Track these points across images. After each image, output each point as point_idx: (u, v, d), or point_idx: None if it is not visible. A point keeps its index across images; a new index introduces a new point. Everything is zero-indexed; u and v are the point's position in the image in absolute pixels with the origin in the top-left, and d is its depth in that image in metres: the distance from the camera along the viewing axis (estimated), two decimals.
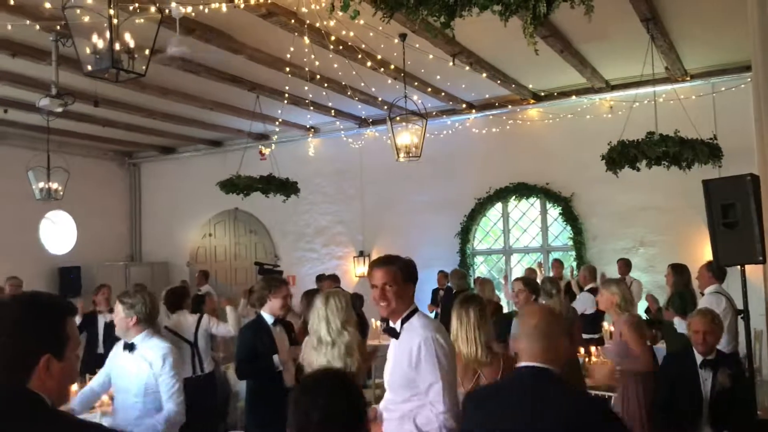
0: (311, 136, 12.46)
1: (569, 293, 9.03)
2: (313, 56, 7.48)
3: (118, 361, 4.08)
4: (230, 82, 8.93)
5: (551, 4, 3.09)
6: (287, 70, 8.18)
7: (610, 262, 9.79)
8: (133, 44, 4.62)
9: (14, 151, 11.48)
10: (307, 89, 9.05)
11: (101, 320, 7.56)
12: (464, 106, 10.86)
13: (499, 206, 11.42)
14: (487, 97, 10.55)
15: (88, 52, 4.59)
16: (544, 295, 6.58)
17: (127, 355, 4.03)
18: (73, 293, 12.30)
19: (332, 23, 6.40)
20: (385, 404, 3.22)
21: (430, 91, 9.62)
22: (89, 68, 4.61)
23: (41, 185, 9.64)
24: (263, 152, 11.11)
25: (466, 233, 11.38)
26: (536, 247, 11.29)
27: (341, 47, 7.41)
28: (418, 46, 7.48)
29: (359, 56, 7.69)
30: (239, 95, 9.63)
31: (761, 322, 6.87)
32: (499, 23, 3.41)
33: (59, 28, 6.29)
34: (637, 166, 7.18)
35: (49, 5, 5.69)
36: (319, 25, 6.68)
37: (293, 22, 6.59)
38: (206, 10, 5.97)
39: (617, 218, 10.21)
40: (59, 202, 10.28)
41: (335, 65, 8.10)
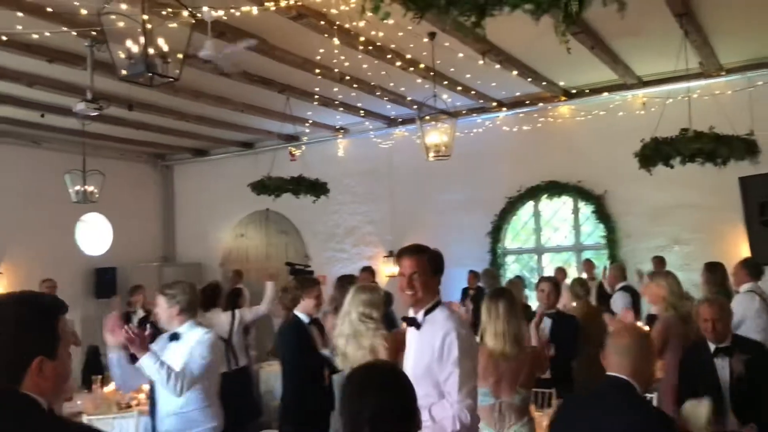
0: (341, 136, 12.50)
1: (602, 294, 8.93)
2: (342, 57, 7.51)
3: (162, 353, 4.10)
4: (261, 84, 9.00)
5: (583, 2, 3.05)
6: (317, 71, 8.23)
7: (643, 260, 9.65)
8: (166, 49, 4.68)
9: (51, 154, 11.72)
10: (336, 90, 9.09)
11: (134, 321, 7.70)
12: (494, 104, 10.81)
13: (530, 205, 11.33)
14: (517, 94, 10.49)
15: (122, 57, 4.67)
16: (573, 296, 6.51)
17: (173, 345, 4.07)
18: (109, 293, 12.51)
19: (362, 24, 6.42)
20: None
21: (459, 89, 9.58)
22: (124, 73, 4.68)
23: (77, 188, 9.81)
24: (293, 153, 11.19)
25: (496, 232, 11.32)
26: (568, 246, 11.19)
27: (370, 48, 7.42)
28: (447, 44, 7.46)
29: (388, 56, 7.70)
30: (269, 97, 9.70)
31: None
32: (529, 20, 3.39)
33: (94, 34, 6.40)
34: (670, 163, 7.06)
35: (84, 12, 5.80)
36: (348, 26, 6.72)
37: (323, 23, 6.62)
38: (237, 13, 6.03)
39: (651, 216, 10.07)
40: (95, 204, 10.44)
41: (364, 66, 8.12)
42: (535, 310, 5.98)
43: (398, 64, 7.94)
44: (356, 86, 8.97)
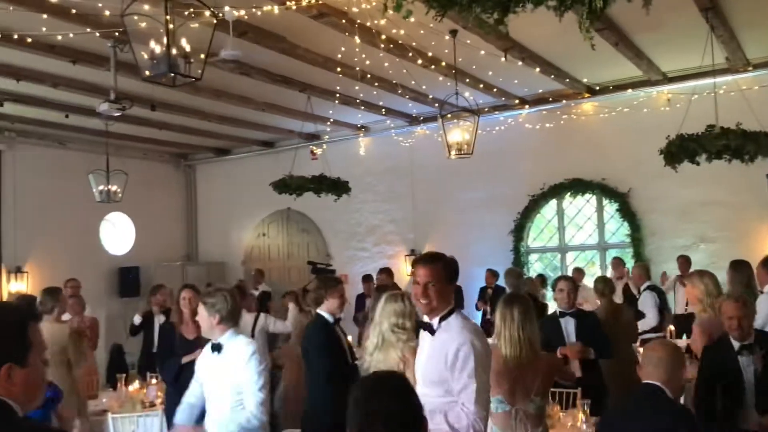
0: (362, 135, 12.50)
1: (628, 294, 8.82)
2: (363, 55, 7.49)
3: (206, 363, 3.96)
4: (282, 83, 9.01)
5: None
6: (338, 70, 8.22)
7: (669, 259, 9.54)
8: (188, 49, 4.69)
9: (75, 155, 11.85)
10: (357, 89, 9.08)
11: (156, 321, 7.74)
12: (517, 101, 10.73)
13: (553, 203, 11.24)
14: (540, 91, 10.40)
15: (145, 57, 4.68)
16: (597, 294, 6.42)
17: (215, 356, 3.90)
18: (132, 293, 12.64)
19: (383, 22, 6.40)
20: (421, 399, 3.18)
21: (481, 87, 9.52)
22: (147, 73, 4.69)
23: (101, 188, 9.88)
24: (314, 152, 11.20)
25: (519, 231, 11.24)
26: (592, 244, 11.08)
27: (392, 46, 7.40)
28: (469, 42, 7.41)
29: (410, 54, 7.67)
30: (291, 96, 9.72)
31: None
32: (552, 17, 3.34)
33: (117, 35, 6.45)
34: (696, 160, 6.95)
35: (108, 13, 5.84)
36: (369, 24, 6.69)
37: (344, 22, 6.61)
38: (259, 12, 6.04)
39: (676, 214, 9.94)
40: (118, 204, 10.53)
41: (386, 64, 8.09)
42: (554, 311, 5.90)
43: (420, 62, 7.91)
44: (377, 84, 8.95)
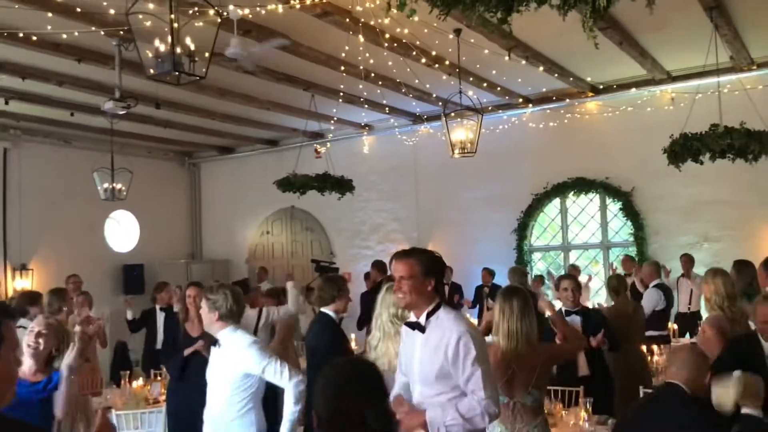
0: (366, 133, 12.51)
1: (634, 292, 8.81)
2: (367, 54, 7.50)
3: (211, 359, 4.15)
4: (286, 81, 9.03)
5: None
6: (342, 68, 8.23)
7: (672, 257, 9.53)
8: (193, 47, 4.72)
9: (80, 153, 11.89)
10: (361, 87, 9.08)
11: (160, 317, 7.76)
12: (520, 100, 10.72)
13: (557, 202, 11.24)
14: (544, 90, 10.40)
15: (150, 56, 4.70)
16: (611, 292, 6.42)
17: (214, 351, 4.11)
18: (137, 290, 12.67)
19: (386, 21, 6.41)
20: (420, 398, 3.16)
21: (485, 86, 9.53)
22: (151, 72, 4.71)
23: (106, 186, 9.91)
24: (318, 150, 11.21)
25: (522, 229, 11.24)
26: (595, 243, 11.08)
27: (395, 44, 7.41)
28: (473, 41, 7.42)
29: (414, 53, 7.68)
30: (295, 95, 9.73)
31: None
32: (556, 16, 3.35)
33: (122, 33, 6.48)
34: (700, 159, 6.95)
35: (113, 11, 5.86)
36: (373, 23, 6.70)
37: (348, 20, 6.62)
38: (263, 11, 6.06)
39: (680, 213, 9.93)
40: (123, 202, 10.57)
41: (389, 62, 8.10)
42: (559, 309, 5.85)
43: (423, 60, 7.92)
44: (381, 83, 8.96)
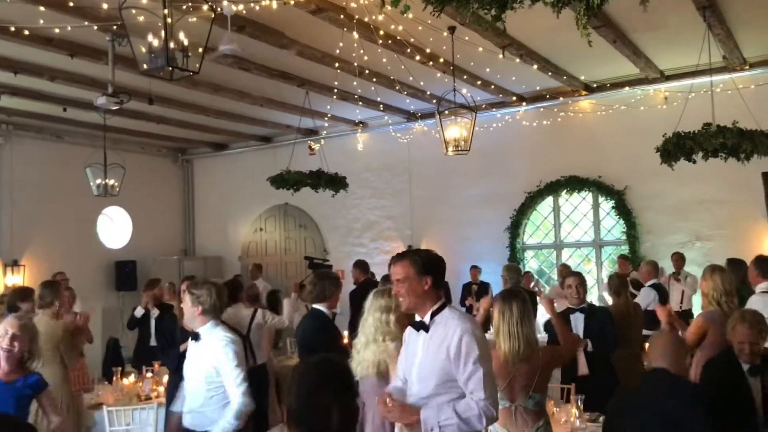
0: (360, 130, 12.50)
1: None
2: (362, 51, 7.50)
3: (189, 350, 4.22)
4: (280, 78, 9.01)
5: None
6: (336, 65, 8.22)
7: (664, 256, 9.57)
8: (186, 42, 4.70)
9: (73, 148, 11.83)
10: (355, 84, 9.08)
11: (151, 315, 7.75)
12: (514, 98, 10.74)
13: (549, 200, 11.26)
14: (537, 89, 10.41)
15: (143, 51, 4.69)
16: (611, 293, 6.38)
17: (194, 345, 4.17)
18: (129, 287, 12.64)
19: (381, 18, 6.41)
20: (415, 399, 3.13)
21: (479, 83, 9.54)
22: (145, 67, 4.70)
23: (98, 182, 9.89)
24: (312, 147, 11.19)
25: (516, 228, 11.26)
26: (588, 241, 11.11)
27: (390, 41, 7.41)
28: (467, 38, 7.43)
29: (408, 50, 7.68)
30: (289, 91, 9.72)
31: None
32: (550, 14, 3.35)
33: (116, 28, 6.45)
34: (693, 158, 6.97)
35: (106, 6, 5.84)
36: (367, 19, 6.69)
37: (342, 17, 6.61)
38: (257, 7, 6.04)
39: (672, 212, 9.97)
40: (115, 198, 10.54)
41: (384, 60, 8.10)
42: (566, 307, 5.80)
43: (418, 58, 7.91)
44: (375, 80, 8.95)
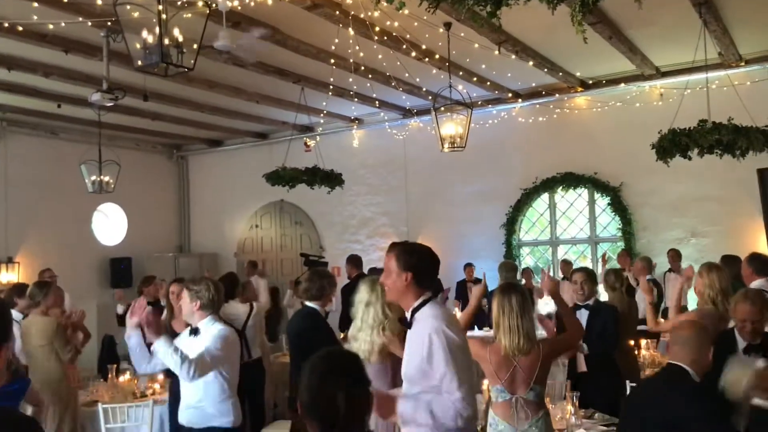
0: (355, 127, 12.49)
1: (628, 287, 8.84)
2: (357, 47, 7.48)
3: (183, 345, 4.17)
4: (275, 74, 8.99)
5: None
6: (332, 61, 8.21)
7: (660, 253, 9.59)
8: (181, 39, 4.68)
9: (67, 145, 11.80)
10: (351, 80, 9.06)
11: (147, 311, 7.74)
12: (510, 95, 10.74)
13: (545, 196, 11.27)
14: (533, 85, 10.41)
15: (138, 47, 4.67)
16: (607, 288, 6.41)
17: (192, 339, 4.16)
18: (124, 284, 12.61)
19: (377, 14, 6.39)
20: (405, 395, 3.10)
21: (475, 80, 9.53)
22: (139, 63, 4.68)
23: (93, 178, 9.84)
24: (308, 144, 11.18)
25: (511, 224, 11.27)
26: (584, 238, 11.13)
27: (385, 38, 7.39)
28: (463, 35, 7.41)
29: (404, 46, 7.66)
30: (284, 87, 9.70)
31: None
32: (545, 10, 3.35)
33: (110, 24, 6.42)
34: (688, 155, 6.97)
35: (100, 2, 5.81)
36: (363, 15, 6.68)
37: (338, 13, 6.59)
38: (252, 3, 6.02)
39: (668, 208, 9.99)
40: (110, 194, 10.50)
41: (379, 56, 8.08)
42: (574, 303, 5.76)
43: (413, 54, 7.90)
44: (371, 77, 8.94)
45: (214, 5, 5.38)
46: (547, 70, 9.23)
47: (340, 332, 7.43)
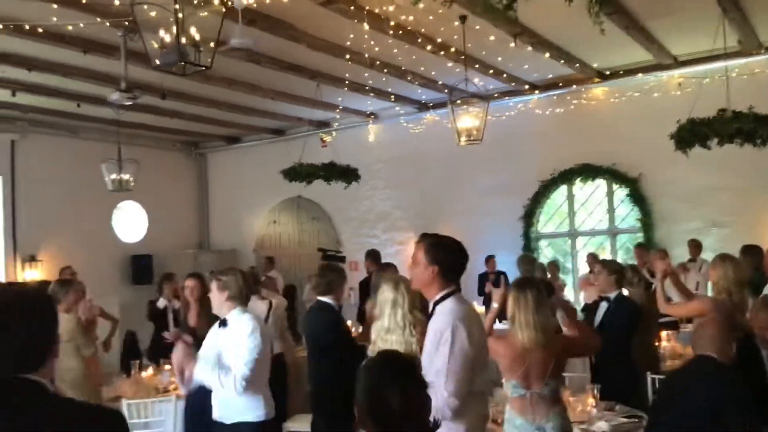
0: (371, 122, 12.49)
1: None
2: (372, 42, 7.49)
3: (213, 337, 4.24)
4: (291, 71, 9.01)
5: None
6: (347, 57, 8.21)
7: (680, 243, 9.51)
8: (198, 37, 4.71)
9: (87, 144, 11.93)
10: (366, 75, 9.07)
11: (169, 308, 7.80)
12: (527, 86, 10.67)
13: (563, 188, 11.21)
14: (550, 77, 10.35)
15: (155, 46, 4.70)
16: (626, 284, 6.37)
17: (221, 331, 4.20)
18: (145, 280, 12.73)
19: (391, 8, 6.40)
20: None
21: (491, 72, 9.49)
22: (157, 62, 4.71)
23: (113, 176, 9.94)
24: (324, 139, 11.21)
25: (529, 217, 11.22)
26: (603, 229, 11.06)
27: (400, 32, 7.38)
28: (478, 27, 7.39)
29: (419, 40, 7.66)
30: (300, 84, 9.72)
31: None
32: (561, 1, 3.34)
33: (127, 24, 6.47)
34: (708, 144, 6.92)
35: (117, 2, 5.86)
36: (378, 10, 6.68)
37: (352, 8, 6.60)
38: (267, 0, 6.04)
39: (687, 199, 9.89)
40: (130, 192, 10.61)
41: (395, 50, 8.08)
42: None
43: (429, 48, 7.89)
44: (387, 71, 8.94)
45: (230, 3, 5.41)
46: (563, 61, 9.17)
47: (359, 325, 7.47)
